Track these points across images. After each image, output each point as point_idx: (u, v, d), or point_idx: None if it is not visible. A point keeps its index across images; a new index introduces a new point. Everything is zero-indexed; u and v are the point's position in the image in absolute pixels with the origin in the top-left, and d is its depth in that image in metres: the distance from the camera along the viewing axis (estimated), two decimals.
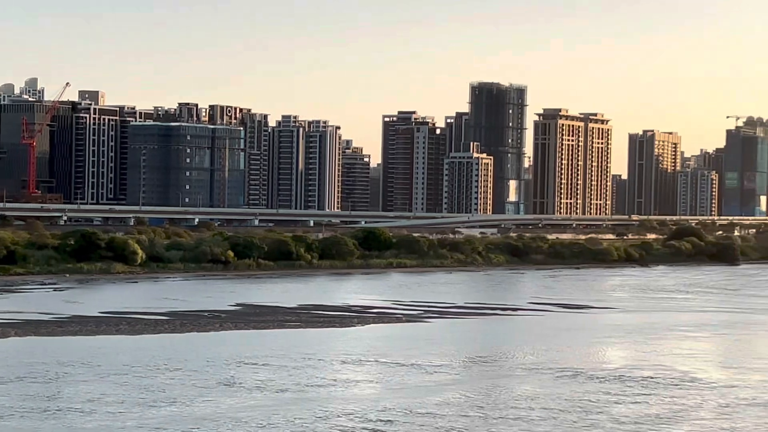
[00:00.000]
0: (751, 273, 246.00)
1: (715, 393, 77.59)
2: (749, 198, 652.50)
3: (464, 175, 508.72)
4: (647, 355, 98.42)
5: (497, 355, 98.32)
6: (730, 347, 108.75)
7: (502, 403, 72.70)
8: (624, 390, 77.94)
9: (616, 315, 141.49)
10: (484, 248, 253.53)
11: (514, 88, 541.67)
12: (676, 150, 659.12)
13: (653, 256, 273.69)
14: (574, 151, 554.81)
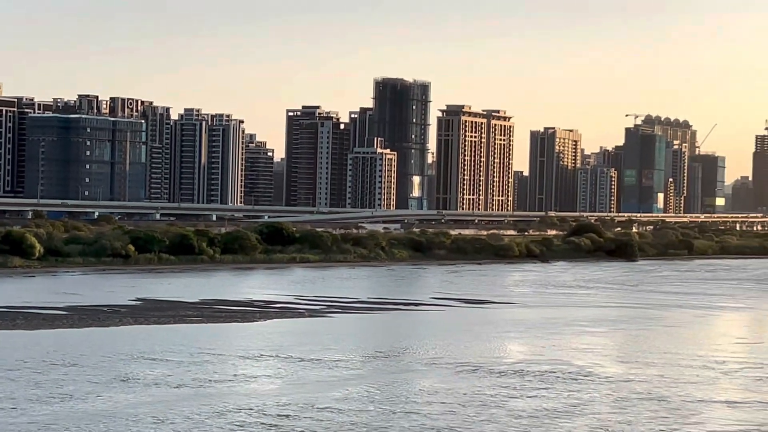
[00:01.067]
0: (648, 269, 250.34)
1: (611, 387, 78.70)
2: (647, 195, 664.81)
3: (368, 170, 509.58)
4: (546, 350, 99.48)
5: (399, 350, 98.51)
6: (627, 342, 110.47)
7: (402, 397, 72.82)
8: (522, 384, 78.64)
9: (516, 310, 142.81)
10: (387, 243, 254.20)
11: (417, 84, 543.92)
12: (576, 147, 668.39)
13: (553, 252, 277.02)
14: (476, 147, 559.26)
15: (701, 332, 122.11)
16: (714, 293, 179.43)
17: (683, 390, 77.98)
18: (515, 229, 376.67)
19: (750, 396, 76.19)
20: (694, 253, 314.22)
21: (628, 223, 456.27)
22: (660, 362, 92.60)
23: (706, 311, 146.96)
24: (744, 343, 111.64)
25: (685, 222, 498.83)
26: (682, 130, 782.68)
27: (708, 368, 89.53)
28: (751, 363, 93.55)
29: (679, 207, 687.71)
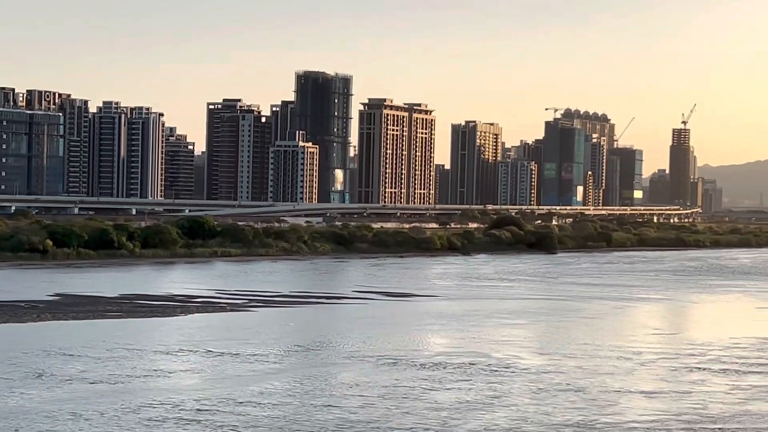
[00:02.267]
0: (568, 261, 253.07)
1: (531, 378, 79.45)
2: (566, 188, 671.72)
3: (290, 163, 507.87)
4: (466, 342, 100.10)
5: (321, 343, 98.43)
6: (546, 333, 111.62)
7: (323, 391, 72.79)
8: (442, 376, 79.04)
9: (438, 303, 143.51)
10: (310, 237, 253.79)
11: (339, 77, 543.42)
12: (497, 141, 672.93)
13: (475, 245, 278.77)
14: (398, 140, 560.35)
15: (619, 323, 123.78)
16: (632, 285, 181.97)
17: (601, 381, 78.99)
18: (437, 222, 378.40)
19: (666, 386, 77.42)
20: (612, 245, 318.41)
21: (548, 215, 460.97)
22: (578, 353, 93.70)
23: (624, 303, 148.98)
24: (660, 334, 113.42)
25: (603, 215, 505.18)
26: (601, 123, 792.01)
27: (625, 359, 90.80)
28: (667, 353, 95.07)
29: (598, 200, 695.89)
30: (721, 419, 65.79)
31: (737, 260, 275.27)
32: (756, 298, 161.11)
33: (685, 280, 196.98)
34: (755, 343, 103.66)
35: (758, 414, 67.63)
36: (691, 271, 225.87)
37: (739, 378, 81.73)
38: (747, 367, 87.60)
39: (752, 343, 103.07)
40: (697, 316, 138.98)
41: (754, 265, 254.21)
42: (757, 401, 72.02)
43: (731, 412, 68.05)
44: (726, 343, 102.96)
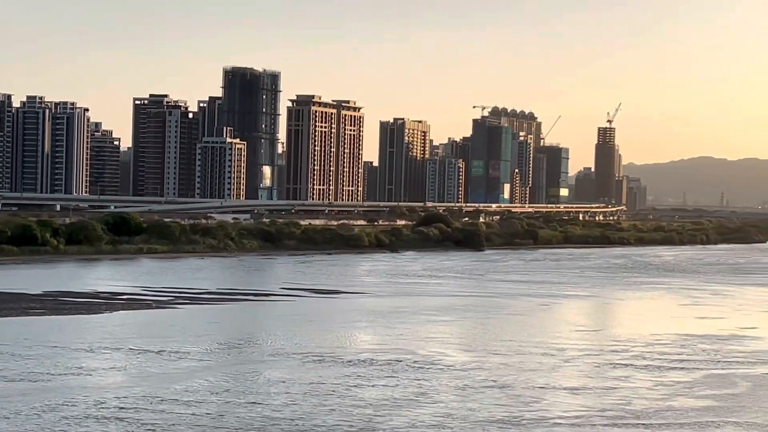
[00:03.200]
0: (495, 258, 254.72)
1: (456, 375, 79.79)
2: (494, 186, 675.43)
3: (217, 160, 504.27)
4: (393, 339, 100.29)
5: (247, 340, 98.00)
6: (473, 330, 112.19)
7: (247, 388, 72.45)
8: (368, 373, 79.07)
9: (366, 300, 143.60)
10: (237, 234, 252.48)
11: (267, 73, 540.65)
12: (425, 138, 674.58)
13: (403, 242, 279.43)
14: (326, 137, 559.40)
15: (545, 320, 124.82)
16: (558, 282, 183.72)
17: (526, 377, 79.60)
18: (365, 219, 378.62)
19: (590, 382, 78.25)
20: (539, 242, 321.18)
21: (476, 213, 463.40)
22: (504, 350, 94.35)
23: (550, 299, 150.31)
24: (585, 330, 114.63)
25: (530, 212, 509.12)
26: (528, 122, 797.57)
27: (550, 355, 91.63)
28: (591, 350, 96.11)
29: (524, 197, 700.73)
30: (644, 415, 66.63)
31: (661, 258, 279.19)
32: (679, 295, 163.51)
33: (610, 277, 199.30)
34: (677, 339, 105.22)
35: (681, 409, 68.62)
36: (616, 269, 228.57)
37: (662, 374, 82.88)
38: (669, 363, 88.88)
39: (674, 340, 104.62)
40: (621, 313, 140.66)
41: (677, 263, 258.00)
42: (679, 397, 73.08)
43: (654, 407, 68.96)
44: (649, 339, 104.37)
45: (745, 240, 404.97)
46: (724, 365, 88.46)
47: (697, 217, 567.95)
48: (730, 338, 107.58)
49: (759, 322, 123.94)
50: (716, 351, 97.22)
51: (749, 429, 63.35)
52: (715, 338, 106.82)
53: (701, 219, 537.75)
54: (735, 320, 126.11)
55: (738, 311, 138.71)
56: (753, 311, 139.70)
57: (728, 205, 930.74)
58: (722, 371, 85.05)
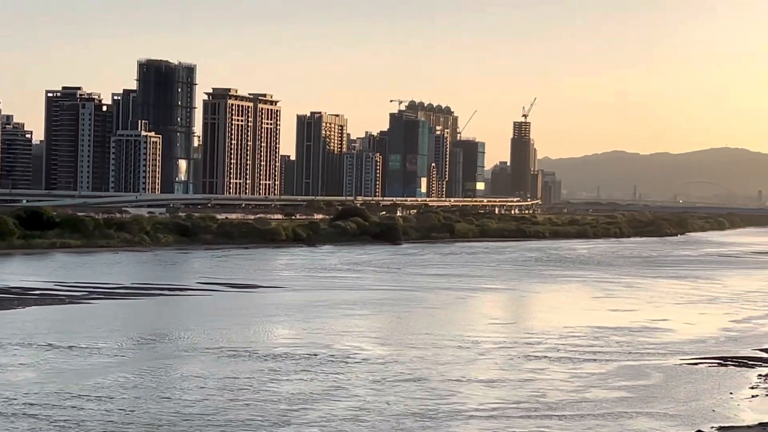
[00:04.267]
0: (412, 252, 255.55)
1: (372, 369, 79.80)
2: (411, 179, 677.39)
3: (132, 153, 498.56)
4: (309, 333, 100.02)
5: (161, 336, 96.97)
6: (389, 324, 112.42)
7: (160, 384, 71.66)
8: (282, 368, 78.70)
9: (283, 294, 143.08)
10: (152, 228, 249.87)
11: (183, 66, 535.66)
12: (342, 132, 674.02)
13: (320, 236, 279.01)
14: (243, 131, 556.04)
15: (461, 313, 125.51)
16: (475, 275, 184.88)
17: (442, 370, 79.91)
18: (282, 213, 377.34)
19: (506, 375, 78.81)
20: (455, 236, 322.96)
21: (393, 207, 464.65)
22: (420, 343, 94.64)
23: (467, 293, 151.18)
24: (501, 323, 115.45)
25: (447, 206, 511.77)
26: (445, 116, 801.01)
27: (465, 348, 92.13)
28: (506, 342, 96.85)
29: (441, 191, 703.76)
30: (559, 407, 67.26)
31: (575, 251, 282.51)
32: (593, 288, 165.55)
33: (526, 271, 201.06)
34: (590, 331, 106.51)
35: (595, 401, 69.41)
36: (532, 262, 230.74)
37: (576, 366, 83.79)
38: (583, 355, 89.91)
39: (588, 332, 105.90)
40: (536, 306, 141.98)
41: (591, 256, 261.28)
42: (594, 389, 73.92)
43: (569, 399, 69.65)
44: (563, 332, 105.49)
45: (658, 233, 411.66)
46: (637, 357, 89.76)
47: (610, 211, 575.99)
48: (643, 330, 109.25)
49: (670, 314, 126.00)
50: (629, 343, 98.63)
51: (662, 419, 64.30)
52: (628, 330, 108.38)
53: (615, 213, 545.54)
54: (647, 312, 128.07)
55: (650, 303, 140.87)
56: (665, 303, 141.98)
57: (641, 198, 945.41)
58: (635, 363, 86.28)
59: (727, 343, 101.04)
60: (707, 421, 63.67)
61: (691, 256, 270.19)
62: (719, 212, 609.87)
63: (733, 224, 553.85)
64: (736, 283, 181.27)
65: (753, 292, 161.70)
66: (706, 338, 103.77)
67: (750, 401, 70.67)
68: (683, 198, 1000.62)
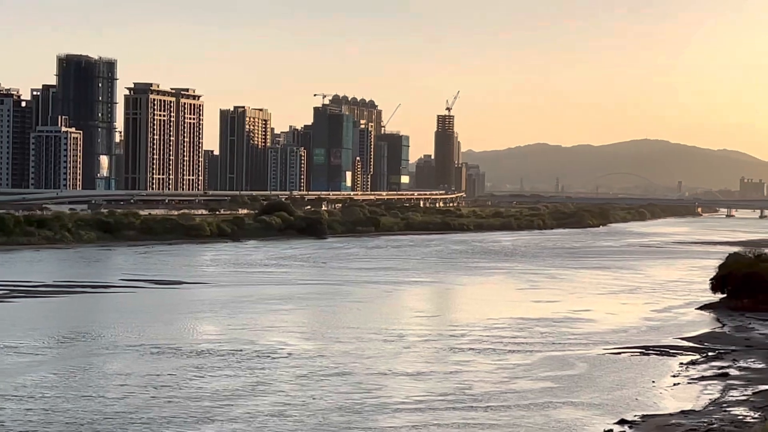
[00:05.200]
0: (337, 246, 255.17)
1: (297, 364, 79.42)
2: (336, 174, 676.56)
3: (52, 149, 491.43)
4: (235, 329, 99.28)
5: (84, 333, 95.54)
6: (315, 318, 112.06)
7: (82, 383, 70.56)
8: (206, 365, 77.98)
9: (208, 290, 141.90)
10: (74, 225, 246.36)
11: (103, 61, 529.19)
12: (266, 126, 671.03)
13: (245, 231, 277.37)
14: (166, 126, 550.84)
15: (386, 307, 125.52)
16: (400, 268, 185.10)
17: (367, 364, 79.80)
18: (206, 208, 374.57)
19: (431, 367, 78.94)
20: (380, 229, 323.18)
21: (318, 201, 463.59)
22: (346, 337, 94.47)
23: (392, 286, 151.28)
24: (426, 316, 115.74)
25: (372, 200, 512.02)
26: (369, 110, 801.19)
27: (391, 342, 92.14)
28: (432, 335, 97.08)
29: (366, 185, 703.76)
30: (485, 398, 67.51)
31: (500, 243, 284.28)
32: (517, 280, 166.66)
33: (451, 263, 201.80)
34: (515, 323, 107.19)
35: (521, 391, 69.81)
36: (457, 254, 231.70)
37: (501, 357, 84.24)
38: (507, 346, 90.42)
39: (512, 323, 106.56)
40: (461, 298, 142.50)
41: (515, 247, 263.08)
42: (519, 379, 74.35)
43: (495, 390, 69.96)
44: (488, 323, 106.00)
45: (580, 224, 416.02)
46: (561, 347, 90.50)
47: (533, 203, 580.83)
48: (566, 320, 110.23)
49: (593, 305, 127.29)
50: (553, 333, 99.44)
51: (587, 409, 64.83)
52: (552, 321, 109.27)
53: (538, 205, 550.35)
54: (570, 303, 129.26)
55: (573, 294, 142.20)
56: (587, 294, 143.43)
57: (563, 190, 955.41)
58: (559, 353, 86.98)
59: (649, 332, 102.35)
60: (630, 409, 64.36)
61: (613, 247, 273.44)
62: (640, 203, 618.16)
63: (653, 215, 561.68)
64: (657, 272, 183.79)
65: (673, 282, 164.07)
66: (628, 328, 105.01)
67: (672, 389, 71.62)
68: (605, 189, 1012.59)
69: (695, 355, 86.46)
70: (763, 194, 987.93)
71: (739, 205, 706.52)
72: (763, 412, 60.37)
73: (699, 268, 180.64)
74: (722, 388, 71.31)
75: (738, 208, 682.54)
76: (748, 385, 72.18)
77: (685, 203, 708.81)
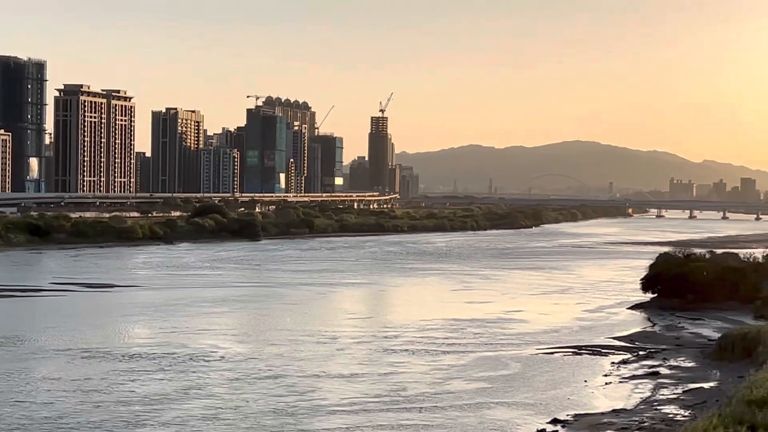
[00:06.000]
0: (271, 248, 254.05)
1: (229, 367, 78.76)
2: (269, 175, 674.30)
3: None
4: (167, 333, 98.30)
5: (12, 338, 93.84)
6: (248, 321, 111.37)
7: (9, 388, 69.17)
8: (138, 368, 77.04)
9: (140, 293, 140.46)
10: (3, 228, 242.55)
11: (33, 62, 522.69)
12: (199, 128, 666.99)
13: (178, 234, 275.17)
14: (96, 128, 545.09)
15: (320, 309, 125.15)
16: (335, 270, 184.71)
17: (300, 366, 79.40)
18: (139, 211, 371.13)
19: (365, 369, 78.74)
20: (315, 231, 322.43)
21: (252, 203, 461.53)
22: (279, 340, 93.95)
23: (327, 288, 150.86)
24: (360, 318, 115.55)
25: (306, 201, 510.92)
26: (302, 111, 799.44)
27: (324, 344, 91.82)
28: (366, 337, 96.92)
29: (300, 187, 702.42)
30: (419, 399, 67.46)
31: (434, 244, 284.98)
32: (451, 281, 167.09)
33: (386, 265, 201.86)
34: (449, 324, 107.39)
35: (455, 392, 69.87)
36: (391, 256, 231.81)
37: (435, 358, 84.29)
38: (441, 347, 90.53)
39: (446, 324, 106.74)
40: (395, 300, 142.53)
41: (449, 249, 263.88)
42: (453, 380, 74.42)
43: (429, 391, 69.93)
44: (421, 325, 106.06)
45: (513, 225, 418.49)
46: (494, 348, 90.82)
47: (467, 204, 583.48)
48: (499, 321, 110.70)
49: (526, 305, 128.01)
50: (486, 334, 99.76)
51: (520, 409, 65.05)
52: (485, 322, 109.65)
53: (471, 206, 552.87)
54: (504, 304, 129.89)
55: (506, 295, 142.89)
56: (520, 294, 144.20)
57: (496, 192, 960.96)
58: (493, 353, 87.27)
59: (581, 332, 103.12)
60: (563, 409, 64.69)
61: (546, 248, 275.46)
62: (572, 204, 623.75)
63: (585, 215, 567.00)
64: (589, 273, 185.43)
65: (605, 282, 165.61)
66: (561, 328, 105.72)
67: (604, 388, 72.15)
68: (538, 191, 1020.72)
69: (627, 355, 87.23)
70: (692, 195, 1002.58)
71: (669, 206, 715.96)
72: (693, 410, 61.00)
73: (630, 268, 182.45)
74: (653, 386, 71.98)
75: (668, 209, 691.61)
76: (678, 383, 72.94)
77: (616, 204, 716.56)
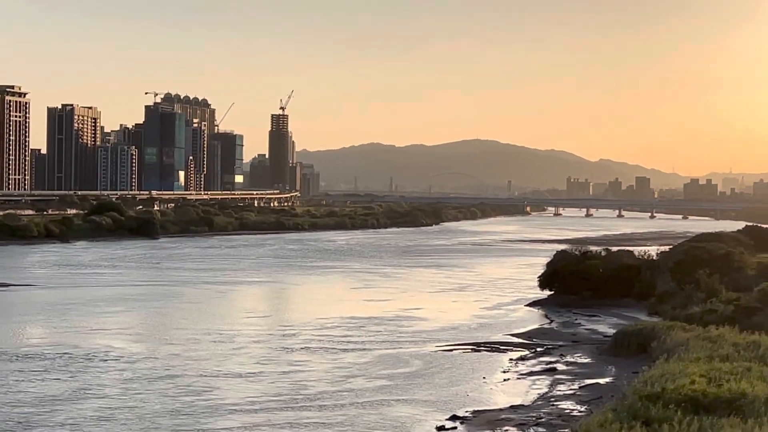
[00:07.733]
0: (170, 246, 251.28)
1: (125, 367, 77.37)
2: (168, 173, 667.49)
3: None
4: (60, 332, 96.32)
5: None
6: (144, 320, 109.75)
7: None
8: (30, 369, 75.21)
9: (34, 292, 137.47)
10: None
11: None
12: (96, 125, 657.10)
13: (74, 232, 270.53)
14: None
15: (218, 308, 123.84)
16: (235, 269, 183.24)
17: (197, 366, 78.34)
18: (34, 208, 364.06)
19: (264, 368, 78.04)
20: (215, 229, 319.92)
21: (150, 201, 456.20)
22: (175, 339, 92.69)
23: (226, 287, 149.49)
24: (259, 316, 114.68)
25: (206, 199, 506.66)
26: (202, 108, 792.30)
27: (222, 343, 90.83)
28: (265, 335, 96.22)
29: (200, 185, 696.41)
30: (320, 397, 67.05)
31: (335, 242, 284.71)
32: (351, 279, 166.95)
33: (287, 263, 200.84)
34: (349, 322, 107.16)
35: (356, 390, 69.59)
36: (292, 254, 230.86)
37: (336, 357, 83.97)
38: (341, 345, 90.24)
39: (346, 322, 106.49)
40: (295, 298, 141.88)
41: (350, 247, 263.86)
42: (354, 378, 74.13)
43: (330, 390, 69.55)
44: (321, 323, 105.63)
45: (414, 224, 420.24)
46: (394, 345, 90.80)
47: (368, 203, 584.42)
48: (399, 319, 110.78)
49: (425, 303, 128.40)
50: (386, 332, 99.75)
51: (421, 406, 65.02)
52: (385, 319, 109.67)
53: (372, 204, 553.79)
54: (403, 301, 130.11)
55: (405, 293, 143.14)
56: (419, 292, 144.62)
57: (397, 190, 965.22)
58: (393, 351, 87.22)
59: (480, 329, 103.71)
60: (462, 405, 64.87)
61: (446, 246, 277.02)
62: (472, 202, 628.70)
63: (484, 214, 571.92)
64: (488, 270, 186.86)
65: (503, 279, 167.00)
66: (460, 325, 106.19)
67: (502, 385, 72.60)
68: (438, 189, 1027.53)
69: (525, 351, 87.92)
70: (588, 193, 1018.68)
71: (566, 204, 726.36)
72: (589, 406, 61.64)
73: (528, 265, 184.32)
74: (550, 382, 72.62)
75: (565, 207, 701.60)
76: (574, 379, 73.69)
77: (514, 202, 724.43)
